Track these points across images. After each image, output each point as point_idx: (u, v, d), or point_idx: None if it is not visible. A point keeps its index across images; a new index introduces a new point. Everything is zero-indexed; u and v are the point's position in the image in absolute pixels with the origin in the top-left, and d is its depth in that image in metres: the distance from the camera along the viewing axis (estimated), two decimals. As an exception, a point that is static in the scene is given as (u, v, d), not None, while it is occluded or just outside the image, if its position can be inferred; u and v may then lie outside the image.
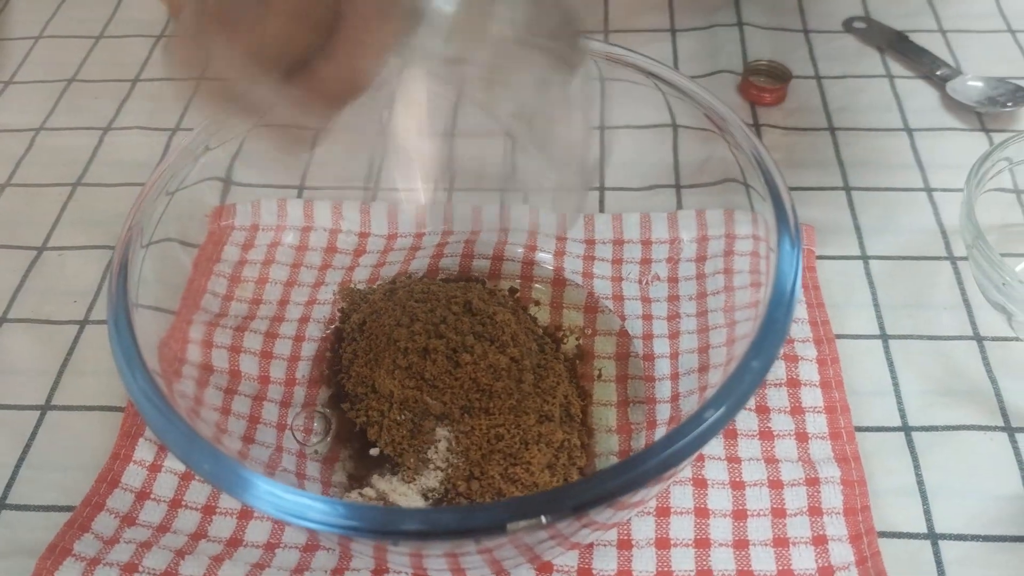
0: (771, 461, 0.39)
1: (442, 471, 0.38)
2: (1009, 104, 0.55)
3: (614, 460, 0.39)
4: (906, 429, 0.41)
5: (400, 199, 0.50)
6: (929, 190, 0.51)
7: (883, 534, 0.38)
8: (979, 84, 0.56)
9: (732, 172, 0.39)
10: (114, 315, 0.32)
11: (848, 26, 0.62)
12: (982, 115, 0.56)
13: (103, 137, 0.58)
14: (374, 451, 0.39)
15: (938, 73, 0.58)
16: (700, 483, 0.39)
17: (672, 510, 0.38)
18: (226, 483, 0.28)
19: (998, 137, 0.54)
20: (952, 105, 0.56)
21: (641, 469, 0.27)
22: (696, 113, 0.41)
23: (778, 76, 0.58)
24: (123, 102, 0.60)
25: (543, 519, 0.27)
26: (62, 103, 0.61)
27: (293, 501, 0.27)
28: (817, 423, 0.41)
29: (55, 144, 0.58)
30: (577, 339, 0.44)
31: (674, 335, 0.43)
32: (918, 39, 0.61)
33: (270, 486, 0.28)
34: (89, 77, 0.63)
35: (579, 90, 0.32)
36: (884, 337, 0.45)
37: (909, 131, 0.55)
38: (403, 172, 0.50)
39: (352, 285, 0.46)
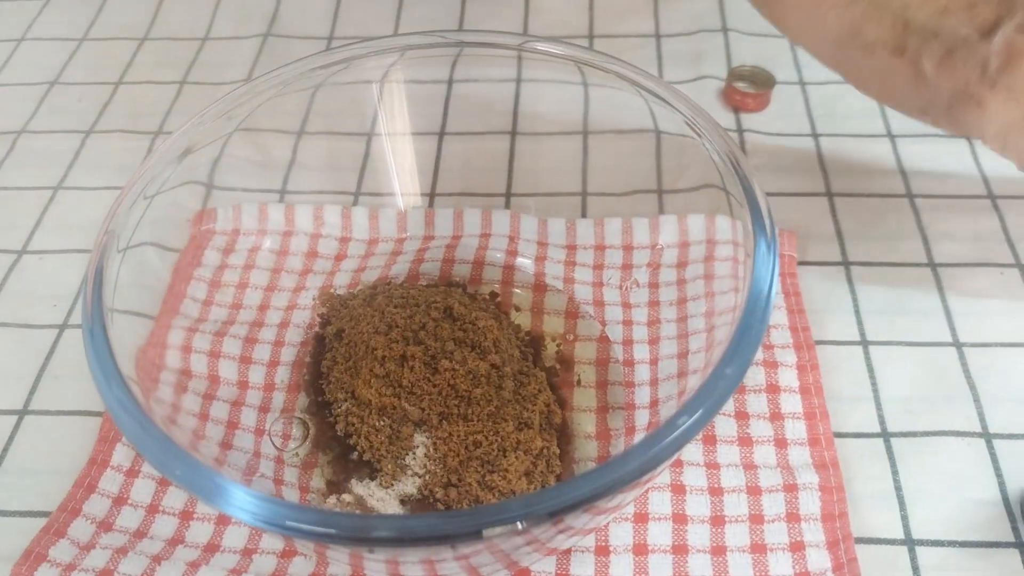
0: (750, 467, 0.39)
1: (420, 477, 0.38)
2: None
3: (592, 466, 0.39)
4: (885, 435, 0.41)
5: (381, 203, 0.50)
6: (911, 196, 0.52)
7: (860, 540, 0.38)
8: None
9: (712, 178, 0.39)
10: (89, 324, 0.32)
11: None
12: (964, 121, 0.56)
13: (85, 140, 0.58)
14: (353, 456, 0.39)
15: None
16: (678, 489, 0.39)
17: (650, 516, 0.38)
18: (200, 490, 0.28)
19: (979, 143, 0.54)
20: (934, 111, 0.56)
21: (615, 475, 0.27)
22: (676, 119, 0.41)
23: (761, 82, 0.58)
24: (105, 105, 0.60)
25: (519, 525, 0.27)
26: (44, 105, 0.60)
27: (267, 508, 0.27)
28: (796, 429, 0.41)
29: (36, 146, 0.58)
30: (558, 345, 0.44)
31: (654, 340, 0.43)
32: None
33: (244, 493, 0.28)
34: (72, 79, 0.62)
35: None
36: (864, 343, 0.45)
37: (891, 137, 0.55)
38: (384, 176, 0.51)
39: (332, 290, 0.46)
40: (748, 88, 0.58)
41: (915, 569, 0.37)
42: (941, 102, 0.41)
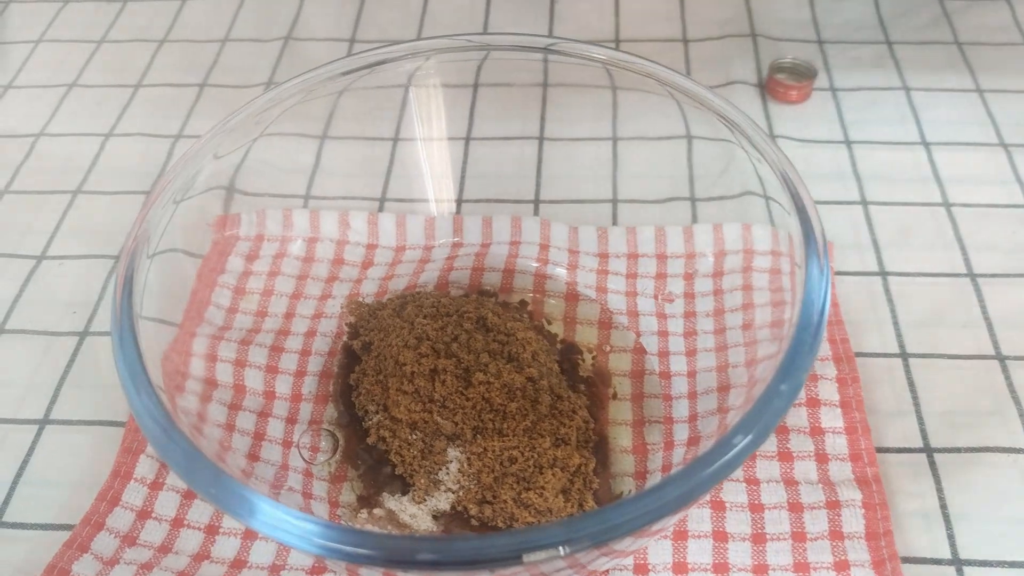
0: (790, 483, 0.38)
1: (453, 493, 0.37)
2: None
3: (629, 481, 0.38)
4: (928, 451, 0.40)
5: (408, 209, 0.49)
6: (948, 205, 0.50)
7: (906, 560, 0.37)
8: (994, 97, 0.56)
9: (751, 185, 0.38)
10: (119, 330, 0.31)
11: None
12: (1000, 128, 0.55)
13: (104, 144, 0.57)
14: (385, 470, 0.38)
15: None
16: (718, 505, 0.38)
17: (689, 533, 0.37)
18: (233, 508, 0.27)
19: (1015, 151, 0.53)
20: (970, 118, 0.55)
21: (668, 498, 0.26)
22: (714, 123, 0.40)
23: (802, 73, 0.58)
24: (125, 108, 0.59)
25: (561, 550, 0.26)
26: (63, 108, 0.60)
27: (302, 527, 0.26)
28: (837, 444, 0.39)
29: (55, 150, 0.57)
30: (593, 356, 0.43)
31: (691, 352, 0.42)
32: (934, 51, 0.60)
33: (278, 510, 0.27)
34: (91, 82, 0.62)
35: None
36: (904, 355, 0.44)
37: (926, 144, 0.54)
38: (411, 181, 0.50)
39: (360, 298, 0.45)
40: (790, 80, 0.57)
41: (964, 591, 0.36)
42: None
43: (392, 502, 0.37)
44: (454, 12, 0.66)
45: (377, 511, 0.37)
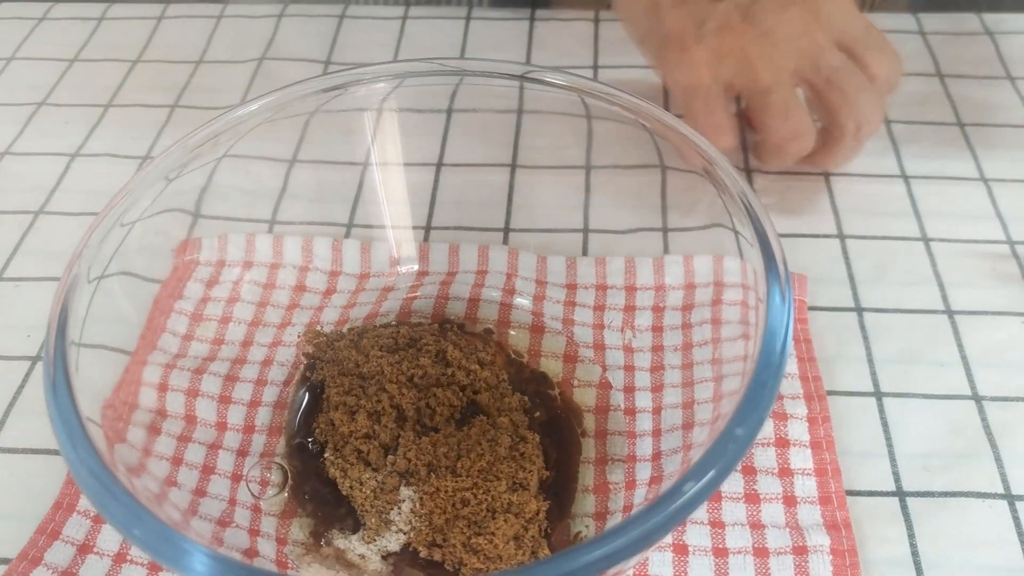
0: (757, 527, 0.37)
1: (404, 534, 0.35)
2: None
3: (589, 522, 0.37)
4: (900, 494, 0.39)
5: (374, 236, 0.48)
6: (926, 240, 0.49)
7: (875, 609, 0.35)
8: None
9: (720, 217, 0.37)
10: (52, 376, 0.29)
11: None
12: (980, 162, 0.54)
13: (70, 163, 0.56)
14: (338, 509, 0.37)
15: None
16: (680, 549, 0.36)
17: (651, 579, 0.36)
18: (165, 557, 0.26)
19: (996, 186, 0.52)
20: (951, 152, 0.54)
21: (611, 548, 0.24)
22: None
23: None
24: (93, 128, 0.58)
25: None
26: (30, 127, 0.58)
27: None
28: (806, 486, 0.38)
29: (19, 169, 0.56)
30: (560, 393, 0.42)
31: (657, 388, 0.40)
32: (915, 83, 0.59)
33: (214, 561, 0.25)
34: (60, 101, 0.61)
35: None
36: (878, 394, 0.42)
37: (905, 178, 0.53)
38: (378, 207, 0.49)
39: (319, 327, 0.44)
40: None
41: (934, 643, 0.35)
42: (659, 34, 0.49)
43: (341, 541, 0.36)
44: (432, 36, 0.65)
45: (325, 550, 0.36)
